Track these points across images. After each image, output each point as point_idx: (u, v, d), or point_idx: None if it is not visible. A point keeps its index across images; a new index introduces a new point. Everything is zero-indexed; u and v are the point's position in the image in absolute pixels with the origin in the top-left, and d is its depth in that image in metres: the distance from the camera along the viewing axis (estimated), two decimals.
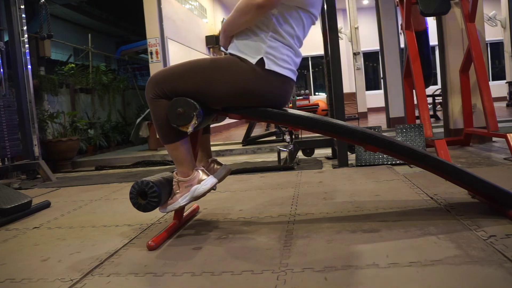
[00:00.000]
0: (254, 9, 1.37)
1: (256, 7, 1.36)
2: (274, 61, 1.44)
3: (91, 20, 10.56)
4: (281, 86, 1.49)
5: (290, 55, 1.48)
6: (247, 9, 1.38)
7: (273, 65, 1.44)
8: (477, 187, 1.51)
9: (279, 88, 1.49)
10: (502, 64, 11.26)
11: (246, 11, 1.39)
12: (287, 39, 1.46)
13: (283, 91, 1.51)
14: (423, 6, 3.23)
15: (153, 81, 1.49)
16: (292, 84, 1.55)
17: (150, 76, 1.52)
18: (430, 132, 3.15)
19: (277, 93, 1.49)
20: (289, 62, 1.48)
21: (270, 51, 1.43)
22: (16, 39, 3.89)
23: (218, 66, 1.45)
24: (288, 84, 1.52)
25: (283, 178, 2.71)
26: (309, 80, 13.79)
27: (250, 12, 1.38)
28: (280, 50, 1.45)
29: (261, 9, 1.36)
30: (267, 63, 1.43)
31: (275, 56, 1.44)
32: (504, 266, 1.06)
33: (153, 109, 1.49)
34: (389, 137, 1.56)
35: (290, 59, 1.49)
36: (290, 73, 1.50)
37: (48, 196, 2.73)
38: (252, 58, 1.43)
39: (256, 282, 1.11)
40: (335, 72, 3.08)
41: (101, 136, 6.31)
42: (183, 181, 1.50)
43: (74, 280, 1.23)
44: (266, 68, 1.43)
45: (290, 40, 1.47)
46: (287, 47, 1.47)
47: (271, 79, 1.45)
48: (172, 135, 1.48)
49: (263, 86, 1.45)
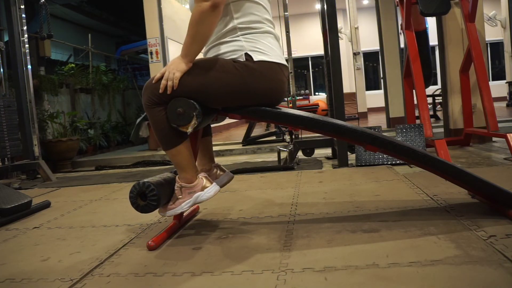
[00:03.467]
0: (209, 12, 1.34)
1: (211, 8, 1.33)
2: (260, 52, 1.45)
3: (91, 20, 10.56)
4: (275, 77, 1.49)
5: (269, 41, 1.50)
6: (201, 17, 1.35)
7: (260, 55, 1.45)
8: (477, 187, 1.51)
9: (273, 80, 1.49)
10: (502, 64, 11.26)
11: (200, 20, 1.36)
12: (258, 27, 1.47)
13: (278, 82, 1.51)
14: (423, 6, 3.23)
15: (148, 88, 1.46)
16: (284, 70, 1.54)
17: (147, 81, 1.50)
18: (430, 132, 3.15)
19: (273, 86, 1.49)
20: (273, 48, 1.49)
21: (251, 45, 1.45)
22: (16, 39, 3.88)
23: (213, 67, 1.44)
24: (281, 72, 1.52)
25: (283, 178, 2.71)
26: (309, 80, 13.78)
27: (206, 17, 1.35)
28: (259, 41, 1.46)
29: (214, 10, 1.34)
30: (254, 55, 1.44)
31: (258, 47, 1.45)
32: (504, 266, 1.06)
33: (151, 116, 1.46)
34: (389, 137, 1.56)
35: (272, 44, 1.50)
36: (279, 58, 1.51)
37: (48, 196, 2.73)
38: (240, 57, 1.44)
39: (256, 282, 1.12)
40: (335, 72, 3.08)
41: (101, 136, 6.31)
42: (186, 187, 1.48)
43: (74, 280, 1.23)
44: (255, 60, 1.43)
45: (262, 27, 1.48)
46: (263, 34, 1.48)
47: (264, 71, 1.45)
48: (172, 140, 1.46)
49: (258, 81, 1.45)
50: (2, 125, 3.66)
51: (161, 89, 1.41)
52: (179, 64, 1.42)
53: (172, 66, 1.42)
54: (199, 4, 1.35)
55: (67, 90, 5.88)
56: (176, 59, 1.44)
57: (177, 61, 1.43)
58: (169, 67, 1.42)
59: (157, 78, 1.44)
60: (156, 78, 1.44)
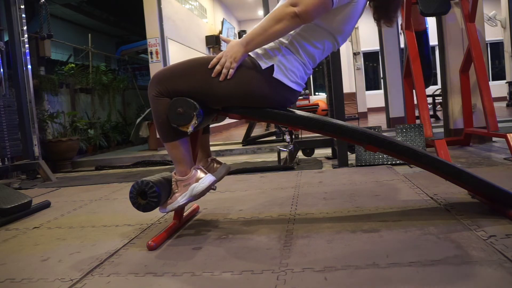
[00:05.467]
0: (289, 17, 1.34)
1: (292, 16, 1.33)
2: (283, 72, 1.43)
3: (91, 20, 10.55)
4: (284, 94, 1.49)
5: (300, 70, 1.47)
6: (282, 16, 1.35)
7: (280, 75, 1.43)
8: (477, 187, 1.51)
9: (281, 95, 1.49)
10: (502, 64, 11.26)
11: (280, 18, 1.35)
12: (302, 56, 1.45)
13: (284, 99, 1.51)
14: (423, 6, 3.23)
15: (155, 79, 1.48)
16: (296, 95, 1.54)
17: (153, 74, 1.51)
18: (430, 132, 3.15)
19: (278, 99, 1.49)
20: (297, 75, 1.47)
21: (283, 61, 1.43)
22: (16, 39, 3.89)
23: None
24: (293, 94, 1.52)
25: (283, 178, 2.71)
26: (309, 80, 13.78)
27: (284, 20, 1.34)
28: (292, 62, 1.44)
29: (296, 18, 1.34)
30: (276, 71, 1.42)
31: (286, 66, 1.44)
32: (504, 266, 1.06)
33: (155, 107, 1.48)
34: (389, 137, 1.56)
35: (300, 73, 1.48)
36: (296, 86, 1.50)
37: (48, 196, 2.73)
38: (263, 63, 1.43)
39: (256, 282, 1.11)
40: (335, 72, 3.08)
41: (101, 136, 6.31)
42: (181, 180, 1.50)
43: (74, 280, 1.23)
44: (273, 76, 1.42)
45: (305, 58, 1.46)
46: (300, 62, 1.46)
47: (276, 86, 1.45)
48: (172, 134, 1.47)
49: (266, 91, 1.44)
50: (2, 125, 3.66)
51: (214, 74, 1.41)
52: (237, 52, 1.40)
53: (230, 53, 1.40)
54: (287, 6, 1.35)
55: (67, 90, 5.88)
56: (234, 44, 1.41)
57: (236, 48, 1.40)
58: (227, 53, 1.40)
59: (213, 63, 1.42)
60: (213, 63, 1.42)
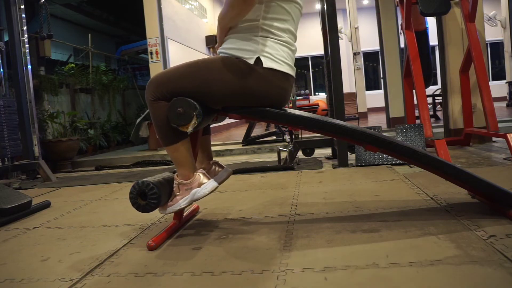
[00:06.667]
0: (241, 2, 1.38)
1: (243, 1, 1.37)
2: (272, 59, 1.44)
3: (91, 20, 10.56)
4: (280, 85, 1.49)
5: (286, 51, 1.49)
6: (235, 3, 1.39)
7: (270, 63, 1.44)
8: (477, 187, 1.51)
9: (278, 87, 1.49)
10: (502, 64, 11.26)
11: (234, 5, 1.40)
12: (279, 35, 1.47)
13: (282, 90, 1.51)
14: (423, 6, 3.23)
15: (152, 83, 1.49)
16: (291, 80, 1.55)
17: (150, 78, 1.52)
18: (430, 132, 3.15)
19: (276, 92, 1.49)
20: (286, 58, 1.49)
21: (266, 50, 1.44)
22: (16, 39, 3.88)
23: (216, 67, 1.45)
24: (287, 81, 1.52)
25: (283, 178, 2.71)
26: (309, 80, 13.79)
27: (238, 5, 1.39)
28: (275, 47, 1.46)
29: (247, 1, 1.38)
30: (265, 61, 1.43)
31: (271, 53, 1.45)
32: (504, 266, 1.06)
33: (153, 111, 1.49)
34: (389, 137, 1.56)
35: (287, 54, 1.49)
36: (289, 68, 1.50)
37: (48, 196, 2.73)
38: (249, 59, 1.43)
39: (256, 282, 1.11)
40: (335, 72, 3.08)
41: (101, 136, 6.31)
42: (183, 184, 1.49)
43: (74, 280, 1.23)
44: (264, 66, 1.43)
45: (283, 36, 1.48)
46: (281, 43, 1.47)
47: (270, 77, 1.45)
48: (172, 136, 1.48)
49: (262, 86, 1.45)
50: (2, 125, 3.66)
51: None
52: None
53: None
54: None
55: (67, 90, 5.88)
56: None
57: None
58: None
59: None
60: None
